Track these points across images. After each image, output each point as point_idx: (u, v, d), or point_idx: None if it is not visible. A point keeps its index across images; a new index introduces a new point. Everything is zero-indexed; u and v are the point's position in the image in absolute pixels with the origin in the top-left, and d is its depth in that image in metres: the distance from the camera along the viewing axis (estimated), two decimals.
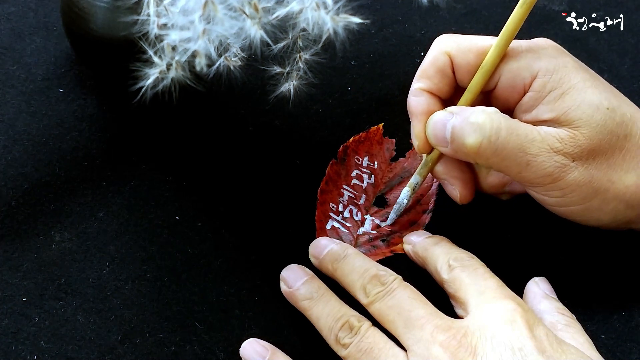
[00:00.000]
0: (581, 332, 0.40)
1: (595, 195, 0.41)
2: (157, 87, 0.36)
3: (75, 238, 0.44)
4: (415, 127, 0.44)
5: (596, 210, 0.41)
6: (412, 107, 0.44)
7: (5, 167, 0.47)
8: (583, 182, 0.40)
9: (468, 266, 0.41)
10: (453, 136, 0.41)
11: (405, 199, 0.45)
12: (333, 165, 0.48)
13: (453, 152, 0.42)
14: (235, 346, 0.41)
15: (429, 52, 0.44)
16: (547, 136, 0.40)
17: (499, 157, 0.40)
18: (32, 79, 0.51)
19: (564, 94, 0.40)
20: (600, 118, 0.40)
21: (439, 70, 0.43)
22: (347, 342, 0.39)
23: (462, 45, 0.43)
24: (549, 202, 0.42)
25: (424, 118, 0.43)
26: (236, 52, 0.37)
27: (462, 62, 0.42)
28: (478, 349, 0.36)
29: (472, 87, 0.42)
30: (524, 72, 0.41)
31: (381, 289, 0.40)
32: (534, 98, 0.41)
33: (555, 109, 0.40)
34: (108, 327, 0.41)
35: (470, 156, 0.41)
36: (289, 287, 0.42)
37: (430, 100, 0.43)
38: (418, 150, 0.44)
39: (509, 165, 0.40)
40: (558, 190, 0.41)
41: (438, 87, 0.43)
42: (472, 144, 0.40)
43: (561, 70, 0.41)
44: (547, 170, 0.40)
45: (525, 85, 0.41)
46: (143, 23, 0.36)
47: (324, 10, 0.35)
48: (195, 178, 0.48)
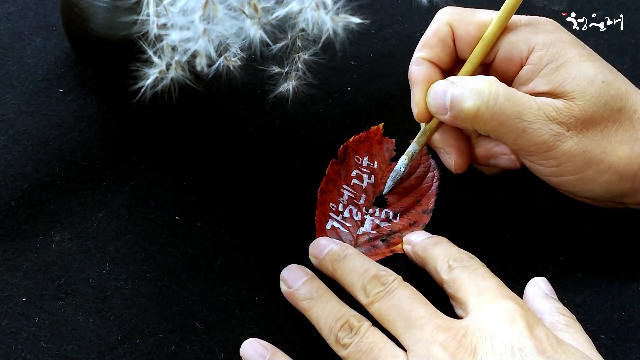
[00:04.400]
0: (581, 332, 0.40)
1: (589, 165, 0.42)
2: (157, 87, 0.36)
3: (75, 238, 0.44)
4: (416, 95, 0.45)
5: (590, 181, 0.42)
6: (413, 76, 0.45)
7: (5, 167, 0.47)
8: (577, 152, 0.41)
9: (468, 266, 0.41)
10: (452, 102, 0.42)
11: (403, 166, 0.46)
12: (333, 165, 0.48)
13: (452, 119, 0.43)
14: (235, 346, 0.41)
15: (432, 22, 0.45)
16: (544, 105, 0.41)
17: (496, 122, 0.41)
18: (32, 79, 0.51)
19: (560, 67, 0.41)
20: (595, 90, 0.41)
21: (440, 40, 0.44)
22: (347, 342, 0.39)
23: (464, 17, 0.44)
24: (544, 172, 0.43)
25: (424, 86, 0.44)
26: (236, 52, 0.37)
27: (463, 34, 0.44)
28: (478, 349, 0.36)
29: (473, 58, 0.44)
30: (522, 45, 0.42)
31: (381, 289, 0.40)
32: (531, 71, 0.42)
33: (551, 81, 0.41)
34: (108, 327, 0.41)
35: (468, 121, 0.42)
36: (289, 287, 0.42)
37: (431, 69, 0.44)
38: (417, 118, 0.45)
39: (506, 132, 0.41)
40: (553, 160, 0.42)
41: (439, 57, 0.44)
42: (470, 108, 0.41)
43: (558, 44, 0.42)
44: (542, 137, 0.41)
45: (523, 58, 0.42)
46: (143, 23, 0.36)
47: (324, 10, 0.35)
48: (195, 178, 0.48)
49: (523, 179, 0.48)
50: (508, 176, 0.48)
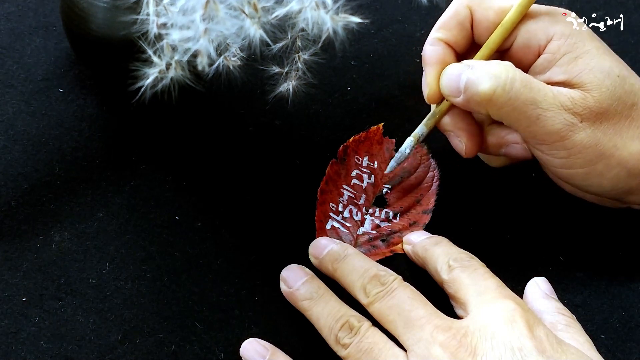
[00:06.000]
0: (581, 332, 0.40)
1: (600, 159, 0.41)
2: (157, 86, 0.36)
3: (75, 238, 0.44)
4: (428, 75, 0.44)
5: (598, 175, 0.42)
6: (427, 56, 0.44)
7: (5, 167, 0.47)
8: (589, 144, 0.41)
9: (468, 267, 0.41)
10: (467, 85, 0.41)
11: (408, 148, 0.45)
12: (333, 165, 0.48)
13: (465, 102, 0.42)
14: (235, 346, 0.41)
15: (452, 4, 0.44)
16: (559, 94, 0.41)
17: (510, 107, 0.41)
18: (32, 79, 0.51)
19: (578, 57, 0.41)
20: (610, 84, 0.41)
21: (459, 22, 0.44)
22: (347, 342, 0.39)
23: (484, 1, 0.44)
24: (554, 163, 0.43)
25: (438, 67, 0.44)
26: (235, 52, 0.37)
27: (482, 18, 0.43)
28: (478, 349, 0.36)
29: (490, 43, 0.43)
30: (540, 33, 0.42)
31: (381, 289, 0.40)
32: (548, 60, 0.42)
33: (568, 71, 0.41)
34: (108, 327, 0.41)
35: (482, 104, 0.42)
36: (288, 287, 0.42)
37: (446, 51, 0.44)
38: (427, 99, 0.45)
39: (519, 118, 0.41)
40: (564, 150, 0.41)
41: (456, 39, 0.44)
42: (487, 90, 0.41)
43: (576, 35, 0.42)
44: (555, 126, 0.41)
45: (540, 47, 0.42)
46: (142, 22, 0.36)
47: (324, 9, 0.35)
48: (195, 178, 0.48)
49: (523, 179, 0.48)
50: (508, 176, 0.48)
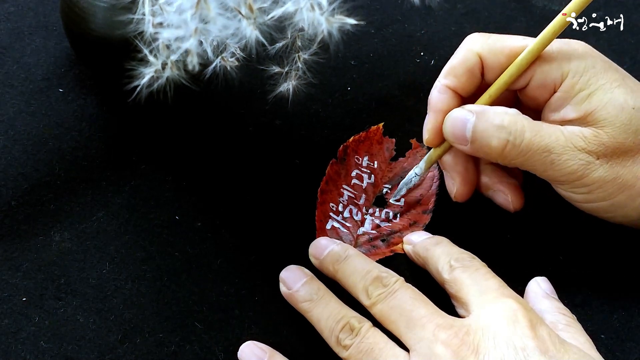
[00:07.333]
0: (581, 332, 0.40)
1: (621, 191, 0.41)
2: (152, 86, 0.36)
3: (75, 238, 0.44)
4: (430, 121, 0.44)
5: (623, 206, 0.42)
6: (433, 103, 0.44)
7: (5, 167, 0.47)
8: (608, 179, 0.41)
9: (469, 267, 0.41)
10: (475, 136, 0.41)
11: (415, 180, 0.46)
12: (333, 165, 0.48)
13: (473, 151, 0.42)
14: (235, 346, 0.41)
15: (459, 50, 0.44)
16: (571, 135, 0.41)
17: (524, 158, 0.41)
18: (32, 78, 0.51)
19: (591, 94, 0.41)
20: (625, 117, 0.41)
21: (468, 70, 0.43)
22: (348, 344, 0.38)
23: (494, 46, 0.43)
24: (576, 198, 0.43)
25: (441, 115, 0.44)
26: (234, 52, 0.37)
27: (494, 64, 0.43)
28: (480, 348, 0.36)
29: (497, 86, 0.43)
30: (555, 72, 0.42)
31: (383, 290, 0.40)
32: (562, 98, 0.42)
33: (582, 109, 0.41)
34: (108, 327, 0.41)
35: (492, 157, 0.42)
36: (288, 288, 0.42)
37: (453, 99, 0.44)
38: (427, 143, 0.45)
39: (534, 165, 0.41)
40: (584, 187, 0.41)
41: (464, 86, 0.44)
42: (497, 145, 0.41)
43: (590, 71, 0.41)
44: (571, 168, 0.41)
45: (556, 85, 0.42)
46: (139, 22, 0.36)
47: (319, 11, 0.35)
48: (195, 178, 0.48)
49: (523, 179, 0.47)
50: None
